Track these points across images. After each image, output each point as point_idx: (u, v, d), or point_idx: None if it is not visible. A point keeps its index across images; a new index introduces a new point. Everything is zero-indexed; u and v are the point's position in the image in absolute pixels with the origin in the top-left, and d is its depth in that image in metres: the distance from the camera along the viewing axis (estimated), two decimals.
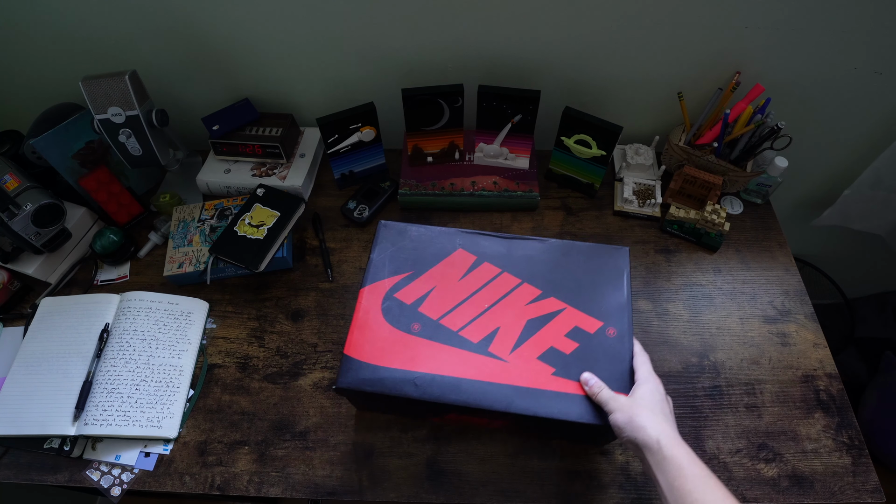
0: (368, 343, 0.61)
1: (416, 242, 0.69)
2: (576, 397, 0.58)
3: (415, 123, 0.88)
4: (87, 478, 0.69)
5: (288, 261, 0.86)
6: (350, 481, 0.68)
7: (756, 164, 0.90)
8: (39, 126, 0.84)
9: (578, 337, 0.62)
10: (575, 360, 0.60)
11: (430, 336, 0.62)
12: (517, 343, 0.61)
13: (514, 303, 0.64)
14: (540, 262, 0.67)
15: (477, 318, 0.63)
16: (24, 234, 0.78)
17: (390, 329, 0.62)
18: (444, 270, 0.67)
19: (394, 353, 0.61)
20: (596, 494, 0.66)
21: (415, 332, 0.62)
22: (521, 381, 0.59)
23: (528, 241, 0.68)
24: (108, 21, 0.84)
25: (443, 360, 0.60)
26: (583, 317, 0.63)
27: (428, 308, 0.64)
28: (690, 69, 0.87)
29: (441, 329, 0.62)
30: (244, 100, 0.96)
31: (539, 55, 0.87)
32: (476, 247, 0.68)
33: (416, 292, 0.65)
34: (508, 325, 0.62)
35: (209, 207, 0.90)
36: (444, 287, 0.65)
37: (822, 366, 0.76)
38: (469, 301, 0.64)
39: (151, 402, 0.72)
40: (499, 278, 0.66)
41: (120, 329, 0.77)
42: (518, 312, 0.63)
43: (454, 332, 0.62)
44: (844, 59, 0.83)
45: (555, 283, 0.65)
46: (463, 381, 0.59)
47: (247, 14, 0.83)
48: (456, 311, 0.64)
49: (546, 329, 0.62)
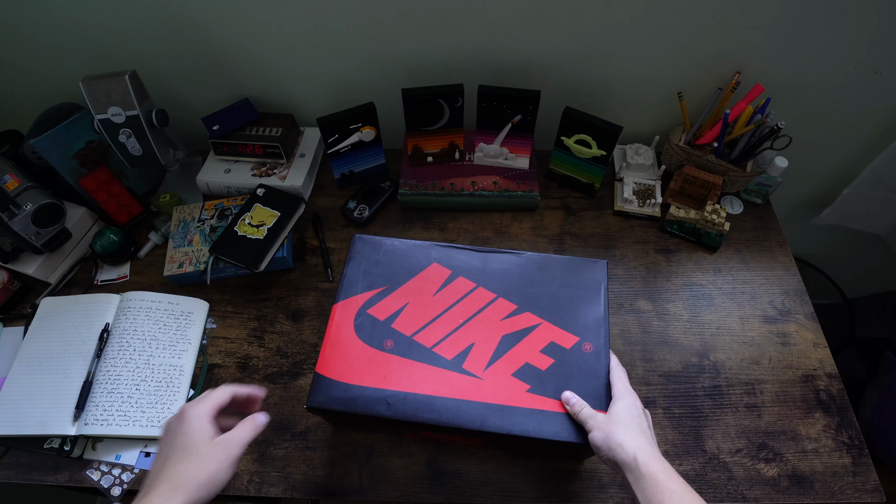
0: (340, 361, 0.61)
1: (390, 257, 0.68)
2: (551, 414, 0.58)
3: (415, 123, 0.88)
4: (88, 478, 0.69)
5: (288, 261, 0.86)
6: (350, 481, 0.68)
7: (756, 164, 0.90)
8: (39, 126, 0.84)
9: (554, 353, 0.61)
10: (550, 376, 0.59)
11: (404, 353, 0.61)
12: (492, 359, 0.61)
13: (488, 318, 0.63)
14: (516, 276, 0.66)
15: (451, 335, 0.62)
16: (24, 234, 0.78)
17: (363, 346, 0.62)
18: (418, 285, 0.66)
19: (366, 371, 0.60)
20: (596, 494, 0.66)
21: (387, 350, 0.61)
22: (496, 398, 0.58)
23: (504, 254, 0.68)
24: (108, 21, 0.84)
25: (416, 377, 0.60)
26: (559, 332, 0.62)
27: (402, 324, 0.63)
28: (690, 69, 0.87)
29: (414, 346, 0.62)
30: (244, 100, 0.96)
31: (539, 55, 0.87)
32: (451, 260, 0.67)
33: (390, 308, 0.64)
34: (483, 341, 0.62)
35: (209, 207, 0.90)
36: (417, 303, 0.65)
37: (822, 366, 0.76)
38: (443, 317, 0.64)
39: (152, 401, 0.72)
40: (473, 293, 0.65)
41: (120, 329, 0.77)
42: (493, 328, 0.63)
43: (428, 348, 0.61)
44: (844, 59, 0.83)
45: (531, 297, 0.64)
46: (436, 399, 0.58)
47: (247, 14, 0.83)
48: (430, 327, 0.63)
49: (521, 345, 0.62)
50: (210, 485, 0.46)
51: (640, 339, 0.79)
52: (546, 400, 0.58)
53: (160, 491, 0.45)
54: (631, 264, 0.87)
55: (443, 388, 0.59)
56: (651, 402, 0.73)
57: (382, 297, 0.65)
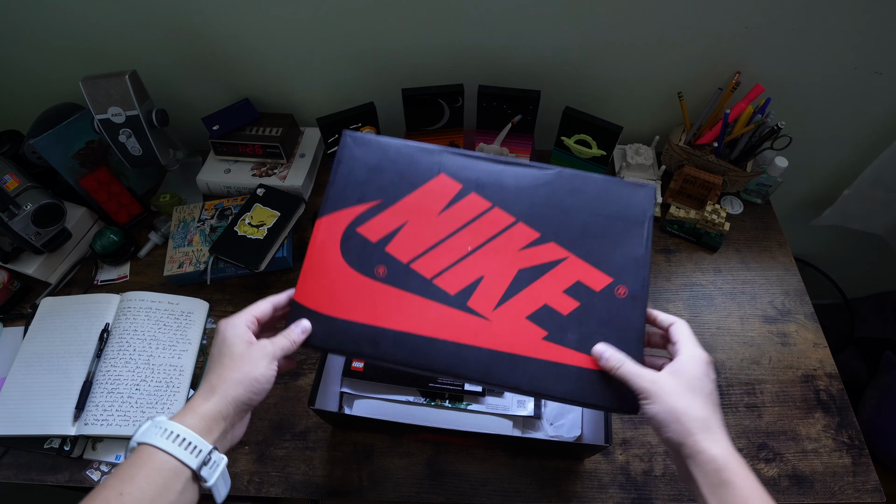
0: (322, 288, 0.51)
1: (389, 162, 0.55)
2: (572, 370, 0.48)
3: (415, 123, 0.88)
4: (88, 478, 0.69)
5: (288, 261, 0.86)
6: (350, 481, 0.68)
7: (756, 164, 0.90)
8: (39, 126, 0.84)
9: (580, 294, 0.49)
10: (574, 322, 0.49)
11: (398, 283, 0.51)
12: (503, 297, 0.50)
13: (503, 247, 0.51)
14: (541, 197, 0.53)
15: (456, 264, 0.51)
16: (24, 234, 0.78)
17: (350, 273, 0.51)
18: (419, 200, 0.53)
19: (353, 302, 0.50)
20: (596, 494, 0.66)
21: (379, 278, 0.51)
22: (505, 344, 0.49)
23: (528, 168, 0.54)
24: (108, 21, 0.84)
25: (411, 314, 0.50)
26: (588, 269, 0.50)
27: (397, 248, 0.52)
28: (690, 69, 0.87)
29: (411, 275, 0.51)
30: (244, 100, 0.96)
31: (539, 55, 0.87)
32: (463, 172, 0.54)
33: (384, 227, 0.53)
34: (494, 275, 0.51)
35: (209, 207, 0.90)
36: (418, 222, 0.53)
37: (822, 366, 0.76)
38: (448, 241, 0.52)
39: (152, 402, 0.72)
40: (487, 215, 0.53)
41: (120, 329, 0.77)
42: (508, 259, 0.51)
43: (427, 279, 0.51)
44: (844, 59, 0.83)
45: (557, 224, 0.52)
46: (433, 343, 0.49)
47: (247, 14, 0.83)
48: (431, 253, 0.52)
49: (541, 282, 0.50)
50: (246, 381, 0.44)
51: None
52: (566, 351, 0.48)
53: (198, 395, 0.44)
54: None
55: (442, 328, 0.49)
56: None
57: (376, 213, 0.53)
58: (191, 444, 0.41)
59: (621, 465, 0.68)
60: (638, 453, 0.69)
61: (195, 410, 0.43)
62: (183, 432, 0.41)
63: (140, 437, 0.41)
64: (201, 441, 0.41)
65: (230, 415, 0.44)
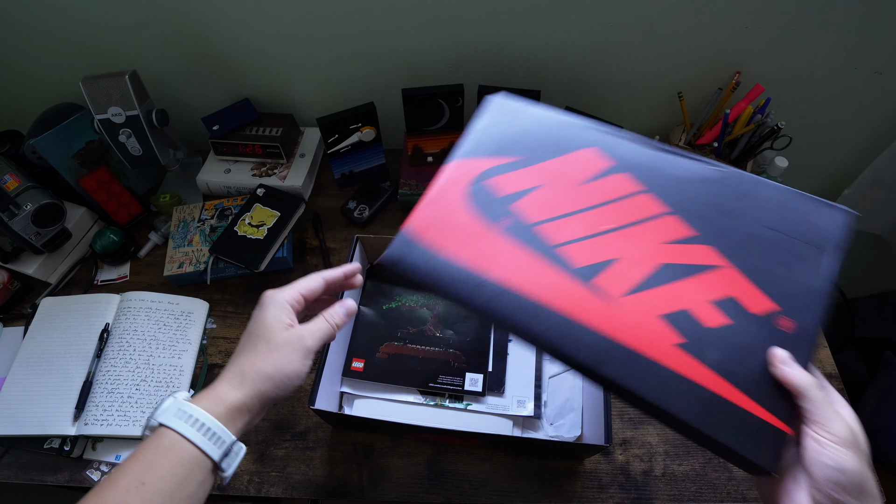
0: (436, 222, 0.47)
1: (538, 125, 0.52)
2: (702, 390, 0.39)
3: (415, 123, 0.88)
4: (88, 478, 0.69)
5: (288, 261, 0.86)
6: (350, 481, 0.68)
7: (756, 164, 0.90)
8: (39, 126, 0.84)
9: (733, 312, 0.41)
10: (718, 340, 0.40)
11: (518, 237, 0.46)
12: (639, 286, 0.43)
13: (648, 235, 0.45)
14: (704, 194, 0.47)
15: (588, 239, 0.46)
16: (24, 234, 0.78)
17: (470, 214, 0.47)
18: (562, 167, 0.49)
19: (463, 243, 0.46)
20: (596, 494, 0.66)
21: (499, 228, 0.47)
22: (627, 336, 0.41)
23: (692, 161, 0.48)
24: (108, 21, 0.84)
25: (524, 271, 0.44)
26: (749, 287, 0.42)
27: (526, 207, 0.47)
28: (690, 69, 0.87)
29: (534, 237, 0.46)
30: (244, 100, 0.96)
31: (539, 55, 0.87)
32: (618, 150, 0.50)
33: (517, 184, 0.48)
34: (632, 261, 0.44)
35: (209, 207, 0.90)
36: (555, 187, 0.48)
37: (822, 366, 0.76)
38: (584, 214, 0.47)
39: (152, 402, 0.72)
40: (636, 197, 0.47)
41: (120, 329, 0.77)
42: (651, 249, 0.45)
43: (549, 246, 0.45)
44: (844, 59, 0.83)
45: (719, 227, 0.45)
46: (541, 310, 0.42)
47: (247, 14, 0.83)
48: (561, 221, 0.47)
49: (687, 283, 0.43)
50: (277, 378, 0.42)
51: None
52: (702, 368, 0.39)
53: (228, 379, 0.42)
54: None
55: (557, 297, 0.43)
56: None
57: (511, 170, 0.49)
58: (215, 434, 0.39)
59: (621, 465, 0.68)
60: (638, 453, 0.69)
61: (222, 399, 0.41)
62: (209, 422, 0.39)
63: (163, 418, 0.39)
64: (226, 432, 0.40)
65: (255, 409, 0.42)
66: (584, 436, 0.67)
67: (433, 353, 0.73)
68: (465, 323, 0.75)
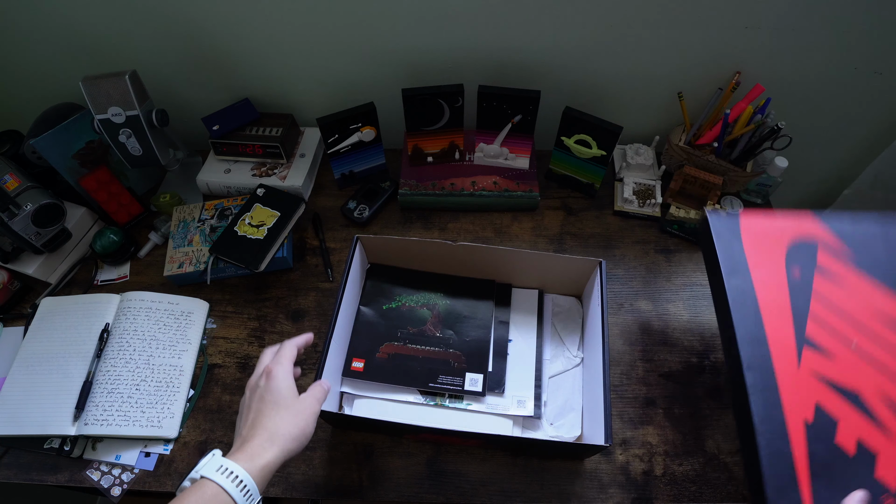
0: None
1: None
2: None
3: (415, 123, 0.88)
4: (88, 478, 0.69)
5: (288, 261, 0.86)
6: (350, 481, 0.68)
7: (756, 164, 0.90)
8: (39, 126, 0.84)
9: None
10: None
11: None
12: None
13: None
14: None
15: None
16: (24, 234, 0.78)
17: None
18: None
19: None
20: (596, 494, 0.66)
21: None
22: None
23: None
24: (108, 21, 0.84)
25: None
26: None
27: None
28: (690, 69, 0.87)
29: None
30: (244, 100, 0.96)
31: (539, 55, 0.87)
32: None
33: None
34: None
35: (209, 207, 0.90)
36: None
37: None
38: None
39: (152, 402, 0.72)
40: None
41: (120, 329, 0.77)
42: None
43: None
44: (844, 59, 0.83)
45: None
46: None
47: (247, 14, 0.83)
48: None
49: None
50: (301, 438, 0.51)
51: (640, 339, 0.79)
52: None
53: (259, 440, 0.49)
54: (631, 264, 0.87)
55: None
56: (651, 403, 0.73)
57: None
58: (248, 489, 0.46)
59: (621, 465, 0.68)
60: (638, 453, 0.69)
61: (259, 459, 0.47)
62: (246, 479, 0.46)
63: (206, 472, 0.45)
64: (257, 492, 0.46)
65: (279, 464, 0.49)
66: (584, 436, 0.67)
67: (433, 353, 0.73)
68: (465, 323, 0.75)
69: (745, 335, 0.54)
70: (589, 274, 0.74)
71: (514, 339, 0.75)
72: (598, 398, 0.61)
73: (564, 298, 0.80)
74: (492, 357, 0.73)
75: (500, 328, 0.76)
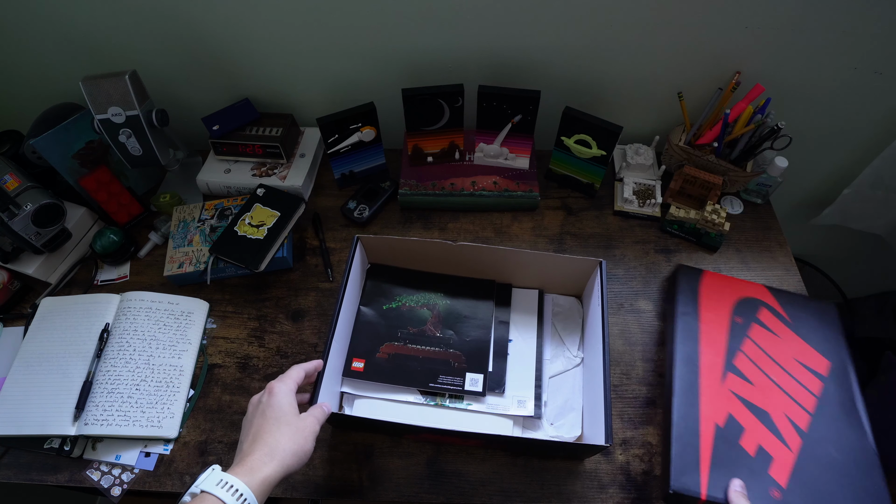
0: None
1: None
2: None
3: (415, 123, 0.88)
4: (88, 478, 0.69)
5: (288, 261, 0.86)
6: (350, 481, 0.68)
7: (756, 164, 0.90)
8: (39, 126, 0.84)
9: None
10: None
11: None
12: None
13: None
14: None
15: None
16: (24, 234, 0.78)
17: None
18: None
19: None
20: (596, 494, 0.66)
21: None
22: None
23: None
24: (108, 21, 0.84)
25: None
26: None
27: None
28: (690, 69, 0.87)
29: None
30: (244, 100, 0.96)
31: (539, 55, 0.87)
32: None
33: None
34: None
35: (209, 207, 0.90)
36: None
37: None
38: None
39: (152, 402, 0.72)
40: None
41: (120, 329, 0.77)
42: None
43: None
44: (844, 59, 0.83)
45: None
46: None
47: (247, 14, 0.83)
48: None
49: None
50: (300, 454, 0.52)
51: (640, 339, 0.79)
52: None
53: (259, 455, 0.50)
54: (631, 264, 0.87)
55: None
56: (651, 403, 0.73)
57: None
58: (248, 501, 0.46)
59: (621, 465, 0.68)
60: (638, 453, 0.69)
61: (259, 473, 0.48)
62: (245, 492, 0.46)
63: (206, 486, 0.46)
64: (255, 502, 0.47)
65: (278, 480, 0.50)
66: (584, 436, 0.67)
67: (433, 353, 0.73)
68: (466, 323, 0.75)
69: (682, 356, 0.70)
70: (589, 274, 0.74)
71: (515, 339, 0.75)
72: (599, 398, 0.61)
73: (564, 298, 0.80)
74: (492, 357, 0.73)
75: (500, 328, 0.76)
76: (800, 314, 0.75)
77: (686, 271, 0.79)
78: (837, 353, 0.72)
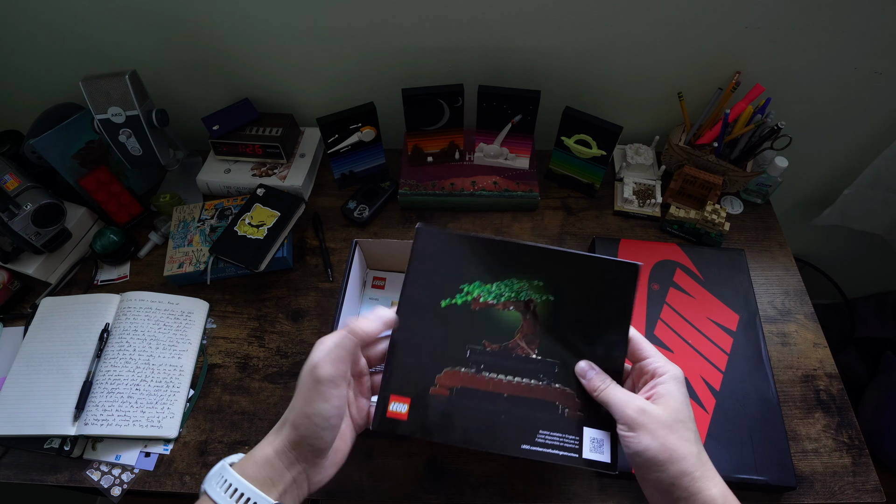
0: None
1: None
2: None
3: (415, 123, 0.88)
4: (88, 478, 0.69)
5: (288, 261, 0.86)
6: (350, 481, 0.68)
7: (756, 164, 0.90)
8: (39, 126, 0.84)
9: None
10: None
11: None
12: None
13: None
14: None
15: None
16: (24, 234, 0.78)
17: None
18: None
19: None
20: (596, 494, 0.66)
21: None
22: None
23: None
24: (108, 21, 0.84)
25: None
26: None
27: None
28: (690, 69, 0.87)
29: None
30: (244, 100, 0.96)
31: (539, 55, 0.87)
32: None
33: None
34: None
35: (209, 207, 0.90)
36: None
37: (822, 366, 0.76)
38: None
39: (152, 401, 0.72)
40: None
41: (120, 329, 0.77)
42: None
43: None
44: (844, 59, 0.83)
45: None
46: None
47: (247, 14, 0.83)
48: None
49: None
50: (311, 416, 0.41)
51: None
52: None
53: (275, 427, 0.43)
54: None
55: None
56: None
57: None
58: (249, 500, 0.38)
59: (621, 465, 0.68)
60: None
61: (259, 456, 0.41)
62: (242, 486, 0.38)
63: (206, 484, 0.40)
64: (261, 497, 0.38)
65: (293, 460, 0.41)
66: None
67: (527, 388, 0.48)
68: (580, 331, 0.50)
69: None
70: None
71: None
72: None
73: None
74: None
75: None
76: (711, 269, 0.78)
77: (603, 243, 0.81)
78: (746, 304, 0.75)
